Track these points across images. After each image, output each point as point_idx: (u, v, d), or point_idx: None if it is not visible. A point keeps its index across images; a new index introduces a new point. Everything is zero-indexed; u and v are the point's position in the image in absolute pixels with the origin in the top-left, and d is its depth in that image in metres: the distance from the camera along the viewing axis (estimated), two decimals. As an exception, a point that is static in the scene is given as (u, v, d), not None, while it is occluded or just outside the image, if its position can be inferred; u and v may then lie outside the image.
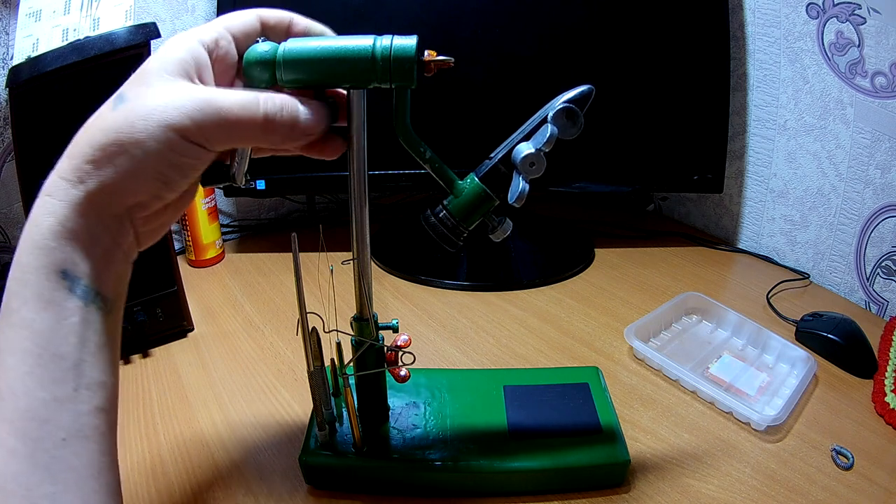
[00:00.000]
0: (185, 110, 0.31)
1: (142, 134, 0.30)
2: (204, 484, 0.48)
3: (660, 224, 0.98)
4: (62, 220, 0.30)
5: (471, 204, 0.41)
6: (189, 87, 0.32)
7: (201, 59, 0.33)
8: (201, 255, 0.83)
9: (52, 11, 0.58)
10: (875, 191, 0.72)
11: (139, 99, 0.31)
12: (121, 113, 0.31)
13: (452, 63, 0.36)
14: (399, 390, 0.53)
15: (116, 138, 0.30)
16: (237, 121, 0.32)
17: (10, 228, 0.74)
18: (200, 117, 0.31)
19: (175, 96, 0.31)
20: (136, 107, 0.31)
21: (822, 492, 0.47)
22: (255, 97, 0.33)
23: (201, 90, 0.32)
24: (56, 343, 0.29)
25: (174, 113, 0.30)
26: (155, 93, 0.31)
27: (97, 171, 0.30)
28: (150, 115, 0.30)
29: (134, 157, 0.30)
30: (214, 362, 0.63)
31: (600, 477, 0.48)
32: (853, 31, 0.69)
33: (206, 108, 0.31)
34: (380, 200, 1.05)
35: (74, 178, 0.30)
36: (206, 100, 0.31)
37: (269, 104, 0.33)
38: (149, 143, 0.30)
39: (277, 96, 0.34)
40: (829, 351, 0.63)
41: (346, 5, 0.75)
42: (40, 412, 0.28)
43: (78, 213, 0.30)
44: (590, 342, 0.67)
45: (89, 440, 0.30)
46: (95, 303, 0.31)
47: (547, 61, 0.76)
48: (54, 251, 0.30)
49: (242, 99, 0.32)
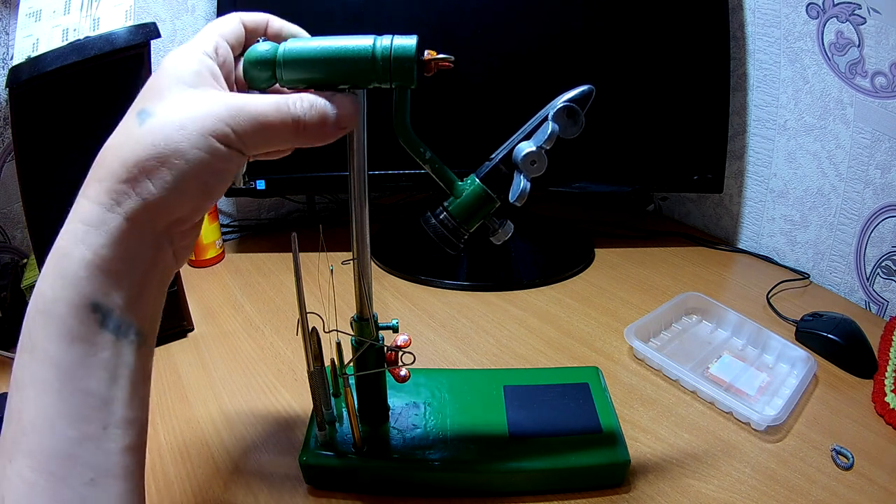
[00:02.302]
0: (222, 117, 0.30)
1: (183, 143, 0.29)
2: (204, 484, 0.48)
3: (660, 224, 0.98)
4: (96, 249, 0.29)
5: (471, 205, 0.40)
6: (219, 94, 0.31)
7: (213, 68, 0.33)
8: (201, 255, 0.83)
9: (52, 11, 0.58)
10: (875, 191, 0.72)
11: (170, 111, 0.30)
12: (152, 127, 0.29)
13: (452, 63, 0.36)
14: (399, 390, 0.53)
15: (154, 152, 0.29)
16: (271, 124, 0.32)
17: (10, 228, 0.74)
18: (236, 123, 0.30)
19: (208, 104, 0.30)
20: (169, 119, 0.30)
21: (822, 492, 0.47)
22: (286, 99, 0.32)
23: (233, 96, 0.31)
24: (84, 379, 0.28)
25: (212, 120, 0.30)
26: (185, 103, 0.30)
27: (136, 190, 0.29)
28: (187, 124, 0.29)
29: (176, 168, 0.29)
30: (214, 362, 0.63)
31: (600, 477, 0.48)
32: (853, 31, 0.69)
33: (241, 114, 0.31)
34: (380, 200, 1.05)
35: (109, 200, 0.29)
36: (239, 105, 0.31)
37: (299, 105, 0.33)
38: (191, 153, 0.29)
39: (306, 96, 0.33)
40: (829, 351, 0.63)
41: (345, 5, 0.75)
42: (66, 450, 0.27)
43: (116, 239, 0.29)
44: (590, 342, 0.67)
45: (119, 479, 0.29)
46: (128, 336, 0.30)
47: (547, 61, 0.76)
48: (84, 282, 0.28)
49: (274, 102, 0.32)
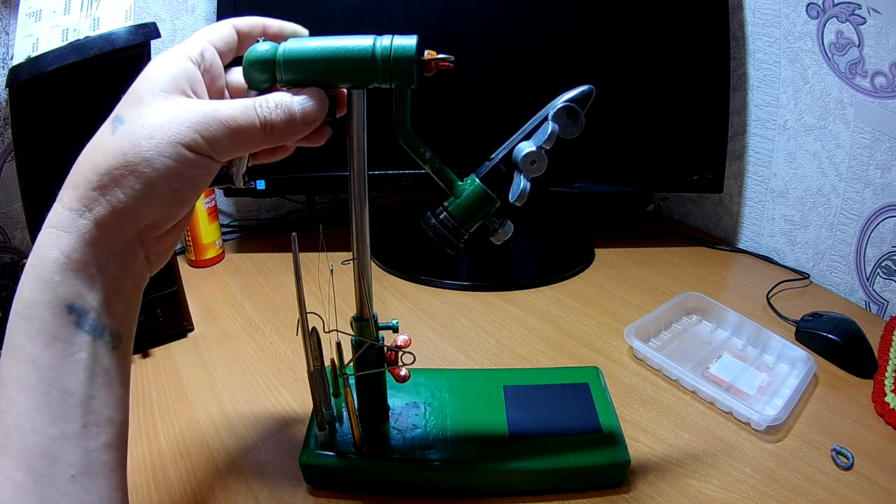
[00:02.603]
0: (190, 124, 0.31)
1: (150, 152, 0.30)
2: (204, 484, 0.48)
3: (660, 224, 0.98)
4: (68, 252, 0.29)
5: (472, 205, 0.40)
6: (188, 101, 0.32)
7: (192, 74, 0.33)
8: (201, 255, 0.83)
9: (52, 11, 0.58)
10: (875, 191, 0.72)
11: (140, 119, 0.31)
12: (122, 135, 0.30)
13: (452, 63, 0.36)
14: (399, 390, 0.53)
15: (123, 160, 0.30)
16: (241, 127, 0.32)
17: (10, 228, 0.74)
18: (206, 129, 0.31)
19: (177, 112, 0.31)
20: (139, 127, 0.30)
21: (822, 492, 0.47)
22: (253, 102, 0.33)
23: (201, 103, 0.32)
24: (63, 379, 0.29)
25: (179, 128, 0.30)
26: (155, 111, 0.31)
27: (106, 197, 0.30)
28: (155, 132, 0.30)
29: (145, 176, 0.30)
30: (214, 362, 0.63)
31: (600, 477, 0.48)
32: (853, 31, 0.69)
33: (209, 120, 0.31)
34: (380, 200, 1.05)
35: (81, 206, 0.30)
36: (208, 112, 0.31)
37: (264, 106, 0.33)
38: (159, 161, 0.30)
39: (272, 97, 0.34)
40: (829, 351, 0.63)
41: (345, 5, 0.75)
42: (48, 449, 0.28)
43: (86, 243, 0.30)
44: (590, 342, 0.67)
45: (98, 476, 0.29)
46: (103, 337, 0.31)
47: (547, 61, 0.76)
48: (60, 285, 0.29)
49: (242, 105, 0.32)
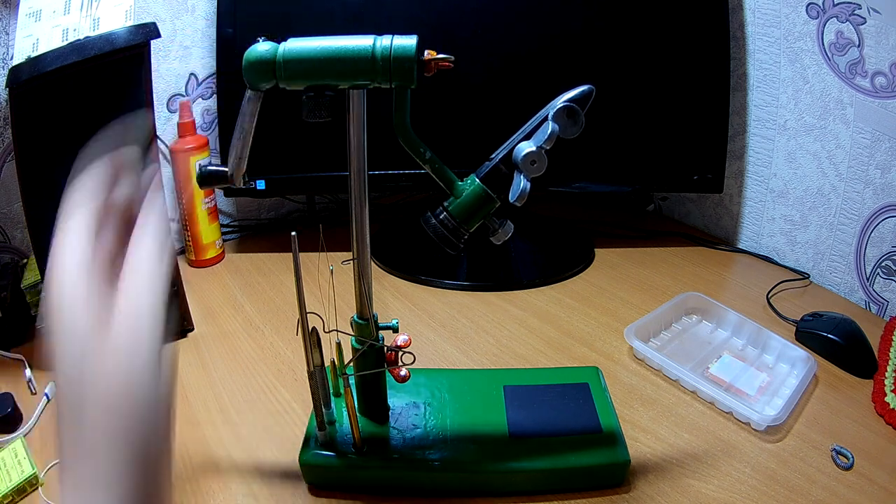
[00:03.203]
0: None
1: None
2: (204, 484, 0.48)
3: (660, 224, 0.98)
4: None
5: (472, 205, 0.40)
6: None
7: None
8: (201, 255, 0.83)
9: (52, 11, 0.58)
10: (875, 191, 0.72)
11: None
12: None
13: (452, 63, 0.36)
14: (399, 390, 0.53)
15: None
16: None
17: (10, 228, 0.74)
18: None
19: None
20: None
21: (822, 492, 0.47)
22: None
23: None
24: None
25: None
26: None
27: None
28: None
29: None
30: (214, 362, 0.63)
31: (600, 477, 0.48)
32: (853, 31, 0.69)
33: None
34: (380, 200, 1.05)
35: None
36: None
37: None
38: None
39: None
40: (829, 351, 0.63)
41: (345, 5, 0.75)
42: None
43: None
44: (590, 342, 0.67)
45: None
46: None
47: (547, 61, 0.76)
48: None
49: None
